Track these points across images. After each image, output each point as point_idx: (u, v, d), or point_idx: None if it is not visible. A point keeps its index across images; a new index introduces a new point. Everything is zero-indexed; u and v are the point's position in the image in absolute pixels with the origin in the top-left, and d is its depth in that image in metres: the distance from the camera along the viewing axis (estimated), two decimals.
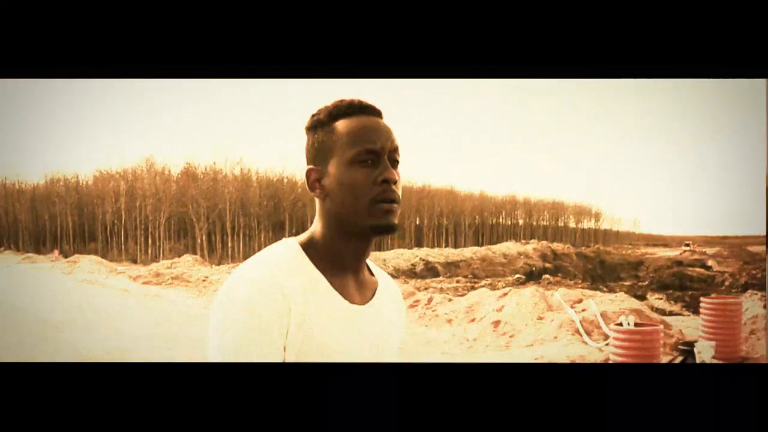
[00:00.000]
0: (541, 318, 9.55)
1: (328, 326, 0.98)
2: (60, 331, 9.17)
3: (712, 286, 23.97)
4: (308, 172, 1.03)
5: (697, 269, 32.00)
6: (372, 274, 1.12)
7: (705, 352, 5.64)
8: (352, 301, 1.03)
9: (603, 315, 9.21)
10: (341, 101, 1.04)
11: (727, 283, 24.20)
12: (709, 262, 37.31)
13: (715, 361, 7.64)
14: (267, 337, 0.92)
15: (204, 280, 19.08)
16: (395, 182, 0.99)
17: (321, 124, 1.03)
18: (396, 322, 1.13)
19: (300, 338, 0.95)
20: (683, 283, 26.43)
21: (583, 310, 9.72)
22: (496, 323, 9.62)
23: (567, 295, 10.65)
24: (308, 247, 1.02)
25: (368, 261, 1.12)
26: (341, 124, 1.01)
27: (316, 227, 1.04)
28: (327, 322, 0.98)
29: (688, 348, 5.69)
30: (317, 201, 1.04)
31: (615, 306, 9.88)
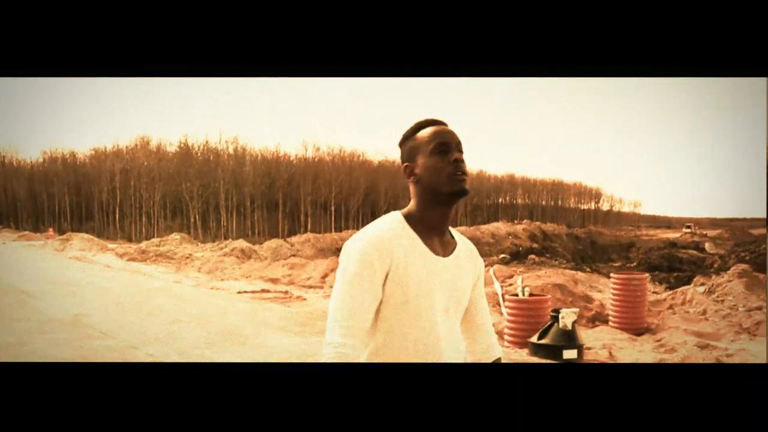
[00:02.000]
0: None
1: (417, 269, 1.42)
2: (33, 298, 10.19)
3: (702, 268, 23.62)
4: (405, 168, 1.51)
5: (690, 251, 31.46)
6: (453, 237, 1.56)
7: (567, 318, 6.52)
8: (437, 254, 1.47)
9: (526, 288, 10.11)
10: (419, 122, 1.54)
11: (716, 266, 23.86)
12: (706, 245, 36.96)
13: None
14: (371, 274, 1.38)
15: (187, 258, 19.88)
16: (462, 161, 1.46)
17: (408, 137, 1.52)
18: (470, 274, 1.56)
19: (399, 275, 1.40)
20: (672, 264, 26.23)
21: (510, 285, 10.65)
22: None
23: (501, 271, 11.57)
24: (408, 218, 1.48)
25: (451, 229, 1.56)
26: (421, 133, 1.50)
27: (412, 205, 1.50)
28: (417, 266, 1.43)
29: (555, 314, 6.59)
30: (411, 187, 1.50)
31: (541, 281, 10.80)
